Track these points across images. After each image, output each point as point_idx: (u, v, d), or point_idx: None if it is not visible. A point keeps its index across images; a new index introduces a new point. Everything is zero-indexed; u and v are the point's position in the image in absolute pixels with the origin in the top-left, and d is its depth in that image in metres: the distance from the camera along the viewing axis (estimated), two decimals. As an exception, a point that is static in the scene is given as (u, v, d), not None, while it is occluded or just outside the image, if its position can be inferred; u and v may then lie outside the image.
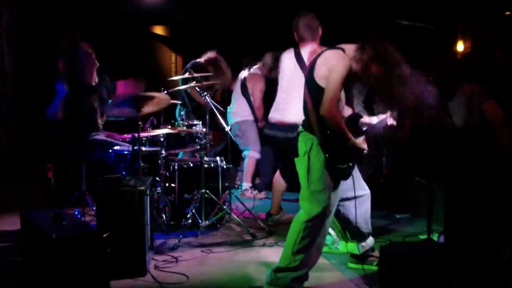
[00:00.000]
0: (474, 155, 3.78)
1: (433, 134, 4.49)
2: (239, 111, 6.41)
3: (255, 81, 6.34)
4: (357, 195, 3.69)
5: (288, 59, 4.89)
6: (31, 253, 3.52)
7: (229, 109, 6.49)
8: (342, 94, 3.45)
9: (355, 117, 3.58)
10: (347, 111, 3.68)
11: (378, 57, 3.23)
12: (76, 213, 5.03)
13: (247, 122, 6.37)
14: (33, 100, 7.12)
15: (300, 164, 3.46)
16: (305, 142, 3.42)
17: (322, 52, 3.40)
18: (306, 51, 4.73)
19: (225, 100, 7.27)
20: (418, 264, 3.37)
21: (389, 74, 3.24)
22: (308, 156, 3.38)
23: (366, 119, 3.74)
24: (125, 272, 3.69)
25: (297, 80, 4.73)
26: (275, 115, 4.88)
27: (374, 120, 3.77)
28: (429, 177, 4.16)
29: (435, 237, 4.14)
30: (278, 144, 4.88)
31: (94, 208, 4.67)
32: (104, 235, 3.26)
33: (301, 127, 3.52)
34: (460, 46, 7.17)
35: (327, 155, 3.34)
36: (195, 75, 5.10)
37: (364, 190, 3.82)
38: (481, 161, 3.61)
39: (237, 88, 6.56)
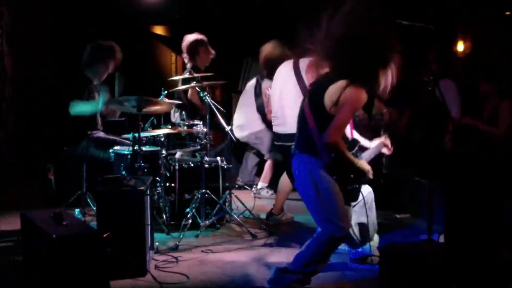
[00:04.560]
0: (474, 155, 3.78)
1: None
2: (250, 123, 6.33)
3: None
4: (364, 195, 3.70)
5: (283, 69, 4.89)
6: (31, 253, 3.52)
7: (236, 122, 6.42)
8: None
9: (353, 142, 3.54)
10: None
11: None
12: (76, 213, 5.03)
13: (262, 131, 6.33)
14: (33, 101, 7.12)
15: (304, 189, 3.40)
16: (303, 166, 3.36)
17: (338, 79, 3.28)
18: (305, 62, 4.72)
19: (225, 100, 7.26)
20: (418, 264, 3.37)
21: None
22: (312, 178, 3.30)
23: (362, 141, 3.71)
24: (125, 272, 3.69)
25: (289, 92, 4.73)
26: (279, 129, 4.90)
27: (368, 144, 3.75)
28: (429, 177, 4.16)
29: (435, 237, 4.14)
30: (288, 152, 4.88)
31: (94, 208, 4.67)
32: (104, 235, 3.26)
33: (294, 149, 3.47)
34: (460, 46, 7.18)
35: (334, 177, 3.29)
36: (195, 75, 5.10)
37: (367, 188, 3.81)
38: (481, 161, 3.62)
39: (246, 99, 6.47)
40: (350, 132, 3.58)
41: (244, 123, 6.38)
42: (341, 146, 3.21)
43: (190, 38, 5.88)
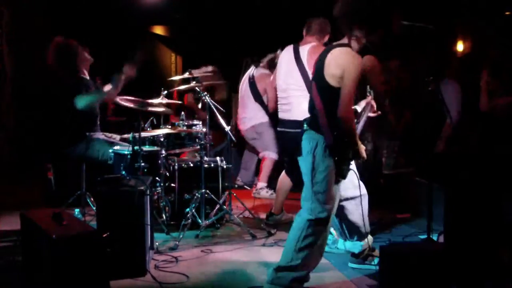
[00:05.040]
0: (473, 155, 3.78)
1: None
2: (253, 115, 6.33)
3: (266, 80, 6.27)
4: (362, 193, 3.71)
5: (286, 55, 4.89)
6: (31, 253, 3.51)
7: (240, 115, 6.40)
8: None
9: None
10: None
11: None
12: (76, 213, 5.03)
13: (263, 124, 6.33)
14: (33, 100, 7.13)
15: (304, 163, 3.45)
16: (309, 141, 3.40)
17: (330, 49, 3.35)
18: (306, 49, 4.72)
19: (225, 100, 7.25)
20: (418, 264, 3.37)
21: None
22: (313, 154, 3.36)
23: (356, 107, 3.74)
24: (125, 272, 3.69)
25: (291, 79, 4.73)
26: (283, 116, 4.89)
27: (358, 108, 3.76)
28: (429, 177, 4.16)
29: (435, 237, 4.14)
30: (289, 140, 4.87)
31: (94, 208, 4.67)
32: (104, 235, 3.26)
33: (305, 125, 3.51)
34: (460, 46, 7.17)
35: (336, 158, 3.33)
36: (195, 75, 5.10)
37: (363, 188, 3.83)
38: (481, 161, 3.62)
39: (244, 91, 6.46)
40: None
41: (247, 115, 6.35)
42: (352, 122, 3.29)
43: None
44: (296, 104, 4.67)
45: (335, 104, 3.23)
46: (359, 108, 3.74)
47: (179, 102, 5.90)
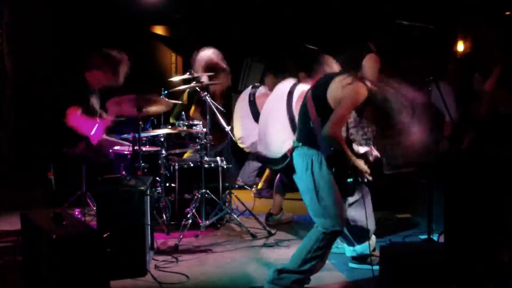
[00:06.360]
0: (474, 155, 3.78)
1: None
2: (249, 133, 6.15)
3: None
4: (363, 193, 3.71)
5: (281, 87, 4.65)
6: (31, 253, 3.52)
7: (237, 134, 6.26)
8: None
9: (349, 142, 3.54)
10: None
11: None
12: (76, 213, 5.03)
13: None
14: (33, 101, 7.12)
15: (301, 182, 3.44)
16: (302, 158, 3.39)
17: (338, 74, 3.38)
18: (299, 89, 4.42)
19: (225, 100, 7.24)
20: (418, 264, 3.37)
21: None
22: (312, 172, 3.35)
23: (354, 147, 3.71)
24: (125, 272, 3.69)
25: (275, 111, 4.54)
26: (259, 148, 4.73)
27: (360, 150, 3.74)
28: (429, 177, 4.16)
29: (435, 237, 4.14)
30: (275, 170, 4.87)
31: (94, 208, 4.67)
32: (104, 235, 3.26)
33: (295, 142, 3.50)
34: (460, 46, 7.17)
35: (333, 169, 3.32)
36: (196, 75, 5.10)
37: (364, 188, 3.82)
38: (481, 161, 3.61)
39: (243, 111, 6.36)
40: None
41: (244, 134, 6.25)
42: (340, 140, 3.26)
43: (210, 57, 5.70)
44: (271, 134, 4.51)
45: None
46: (361, 150, 3.71)
47: (179, 102, 5.89)
